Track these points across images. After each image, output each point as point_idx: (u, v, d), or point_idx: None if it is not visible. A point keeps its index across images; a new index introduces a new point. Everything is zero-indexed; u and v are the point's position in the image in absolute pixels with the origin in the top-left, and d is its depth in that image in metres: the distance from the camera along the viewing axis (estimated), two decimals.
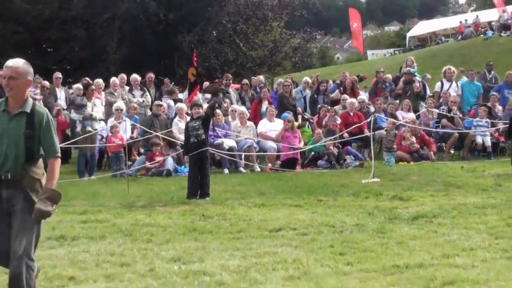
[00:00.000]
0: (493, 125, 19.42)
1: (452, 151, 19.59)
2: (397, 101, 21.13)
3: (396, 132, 18.66)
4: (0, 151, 6.09)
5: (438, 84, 22.51)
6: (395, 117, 19.50)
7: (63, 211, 11.70)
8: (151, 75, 22.37)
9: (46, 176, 6.28)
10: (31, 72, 6.43)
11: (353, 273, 7.77)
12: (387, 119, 19.17)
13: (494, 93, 20.94)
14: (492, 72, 23.62)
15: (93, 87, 19.57)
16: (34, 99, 19.03)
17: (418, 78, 22.45)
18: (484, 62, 27.19)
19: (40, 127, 6.16)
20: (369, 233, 9.94)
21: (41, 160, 6.32)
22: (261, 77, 23.96)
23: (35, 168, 6.26)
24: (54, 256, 8.66)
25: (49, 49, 33.19)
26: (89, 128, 17.82)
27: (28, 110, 6.19)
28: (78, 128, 18.14)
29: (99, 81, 20.39)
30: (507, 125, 17.39)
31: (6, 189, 6.12)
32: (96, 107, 18.90)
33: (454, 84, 22.08)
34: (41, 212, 5.89)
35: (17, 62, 6.31)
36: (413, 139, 18.73)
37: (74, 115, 18.79)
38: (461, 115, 20.32)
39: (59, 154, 6.09)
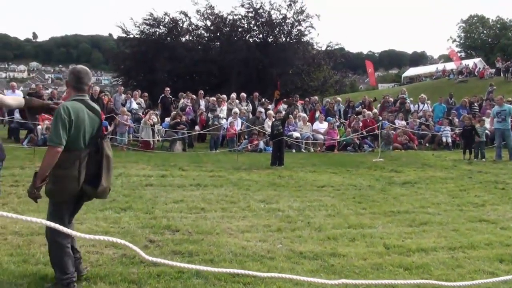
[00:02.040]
0: (452, 130, 18.96)
1: (427, 145, 19.13)
2: (395, 114, 20.76)
3: (393, 132, 18.40)
4: None
5: (416, 105, 22.13)
6: (393, 123, 19.27)
7: (199, 170, 11.82)
8: (256, 94, 22.39)
9: None
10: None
11: (366, 214, 7.67)
12: (389, 125, 18.89)
13: (454, 111, 20.50)
14: (452, 99, 23.19)
15: (221, 99, 19.72)
16: (185, 106, 19.35)
17: (408, 100, 22.12)
18: (447, 92, 26.80)
19: None
20: (376, 191, 9.76)
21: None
22: (316, 97, 23.77)
23: None
24: (193, 195, 8.70)
25: (196, 77, 33.57)
26: (216, 122, 17.93)
27: None
28: (210, 122, 18.28)
29: (224, 96, 20.47)
30: (460, 130, 17.00)
31: None
32: (222, 111, 19.04)
33: (426, 105, 21.70)
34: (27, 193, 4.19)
35: None
36: (404, 136, 18.41)
37: (209, 115, 18.96)
38: (433, 124, 19.87)
39: (52, 143, 4.04)
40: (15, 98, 4.89)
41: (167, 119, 18.26)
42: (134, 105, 18.96)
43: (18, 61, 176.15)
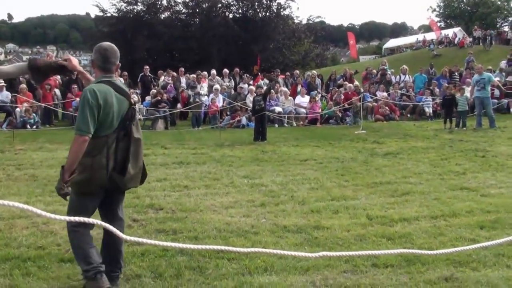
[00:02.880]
0: (433, 100, 19.02)
1: (408, 115, 19.24)
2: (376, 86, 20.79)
3: (375, 104, 18.55)
4: None
5: (398, 76, 22.18)
6: (375, 95, 19.38)
7: (181, 147, 11.77)
8: (236, 69, 22.26)
9: None
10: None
11: (349, 187, 7.72)
12: (371, 97, 18.97)
13: (434, 81, 20.56)
14: (433, 69, 23.21)
15: (201, 76, 19.57)
16: (166, 84, 19.15)
17: (389, 72, 22.21)
18: (428, 63, 26.91)
19: None
20: (359, 163, 9.81)
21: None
22: (297, 71, 23.68)
23: None
24: (176, 173, 8.66)
25: (177, 55, 33.23)
26: (197, 100, 17.81)
27: None
28: (191, 99, 18.16)
29: (205, 73, 20.32)
30: (441, 100, 17.09)
31: None
32: (202, 88, 18.90)
33: (407, 76, 21.86)
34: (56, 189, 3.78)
35: None
36: (386, 108, 18.46)
37: (190, 92, 18.82)
38: (414, 94, 19.97)
39: (80, 132, 3.63)
40: (15, 65, 4.31)
41: (148, 98, 18.09)
42: None
43: None
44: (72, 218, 2.84)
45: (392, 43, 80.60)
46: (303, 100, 18.78)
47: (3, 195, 7.02)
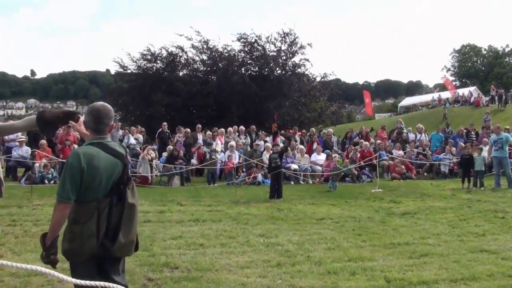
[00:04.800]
0: (450, 159, 18.94)
1: (425, 174, 19.12)
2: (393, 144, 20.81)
3: (391, 162, 18.53)
4: None
5: (413, 135, 22.18)
6: (391, 153, 19.40)
7: (197, 204, 11.79)
8: (252, 127, 22.51)
9: None
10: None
11: (366, 247, 7.61)
12: (387, 155, 18.99)
13: (451, 140, 20.54)
14: (449, 128, 23.25)
15: (216, 133, 19.80)
16: (177, 141, 19.40)
17: (405, 130, 22.28)
18: (444, 121, 26.87)
19: None
20: (376, 222, 9.71)
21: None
22: (313, 129, 23.84)
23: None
24: (191, 231, 8.64)
25: (194, 111, 33.64)
26: (213, 156, 17.93)
27: None
28: (207, 156, 18.28)
29: (222, 130, 20.58)
30: (458, 159, 17.04)
31: None
32: (217, 145, 19.07)
33: (423, 135, 21.98)
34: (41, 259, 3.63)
35: None
36: (402, 166, 18.42)
37: (205, 149, 18.98)
38: (430, 153, 19.91)
39: (58, 198, 3.47)
40: (25, 119, 4.31)
41: (164, 154, 18.27)
42: (132, 141, 19.03)
43: (16, 98, 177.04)
44: (85, 282, 2.84)
45: (407, 101, 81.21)
46: (319, 157, 18.83)
47: (19, 251, 7.06)
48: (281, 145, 15.54)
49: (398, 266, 6.50)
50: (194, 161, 18.57)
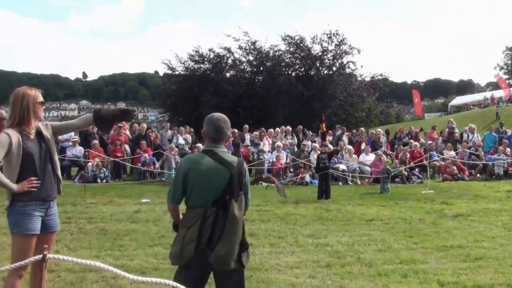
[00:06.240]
0: (505, 159, 18.37)
1: (478, 175, 18.57)
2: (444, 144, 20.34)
3: (443, 163, 18.12)
4: None
5: (465, 135, 21.56)
6: (442, 154, 18.96)
7: None
8: (300, 127, 22.47)
9: None
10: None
11: (418, 249, 7.47)
12: (438, 156, 18.58)
13: (505, 140, 19.92)
14: (503, 127, 22.50)
15: (263, 133, 19.83)
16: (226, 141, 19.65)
17: (456, 130, 21.72)
18: (497, 121, 26.10)
19: None
20: (427, 224, 9.52)
21: None
22: (362, 129, 23.52)
23: None
24: None
25: (241, 112, 33.79)
26: (261, 157, 17.97)
27: None
28: (255, 156, 18.34)
29: (271, 130, 20.59)
30: None
31: None
32: (265, 145, 19.10)
33: (475, 135, 21.36)
34: None
35: None
36: (454, 167, 17.97)
37: (253, 149, 19.05)
38: (483, 153, 19.33)
39: (167, 199, 3.86)
40: (81, 117, 4.52)
41: None
42: (181, 141, 19.31)
43: (69, 100, 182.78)
44: (143, 279, 2.90)
45: (458, 100, 79.11)
46: (368, 158, 18.59)
47: (75, 248, 7.27)
48: (330, 146, 15.40)
49: (451, 270, 6.34)
50: None
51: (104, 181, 16.22)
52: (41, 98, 4.17)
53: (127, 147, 18.48)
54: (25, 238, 4.00)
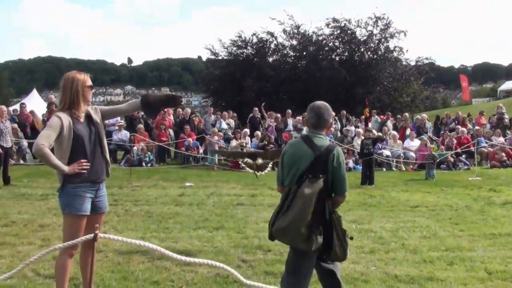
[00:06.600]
0: None
1: None
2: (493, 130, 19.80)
3: (491, 149, 17.65)
4: None
5: None
6: (490, 140, 18.45)
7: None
8: (343, 112, 22.27)
9: None
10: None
11: (464, 237, 7.32)
12: (486, 142, 18.10)
13: None
14: None
15: (306, 118, 19.68)
16: (268, 126, 19.54)
17: (506, 116, 21.09)
18: None
19: None
20: (474, 212, 9.31)
21: None
22: (406, 114, 23.12)
23: None
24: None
25: (284, 96, 33.67)
26: None
27: None
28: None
29: None
30: None
31: None
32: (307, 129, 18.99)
33: None
34: None
35: None
36: (503, 154, 17.48)
37: (295, 134, 18.98)
38: None
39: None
40: (128, 102, 4.65)
41: (254, 140, 18.47)
42: (224, 125, 19.47)
43: (115, 85, 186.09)
44: (183, 258, 2.97)
45: (508, 85, 76.63)
46: (412, 143, 18.27)
47: (121, 229, 7.45)
48: (374, 132, 15.21)
49: (499, 258, 6.19)
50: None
51: (149, 164, 16.52)
52: (90, 82, 4.26)
53: (171, 131, 18.75)
54: (76, 218, 4.12)
